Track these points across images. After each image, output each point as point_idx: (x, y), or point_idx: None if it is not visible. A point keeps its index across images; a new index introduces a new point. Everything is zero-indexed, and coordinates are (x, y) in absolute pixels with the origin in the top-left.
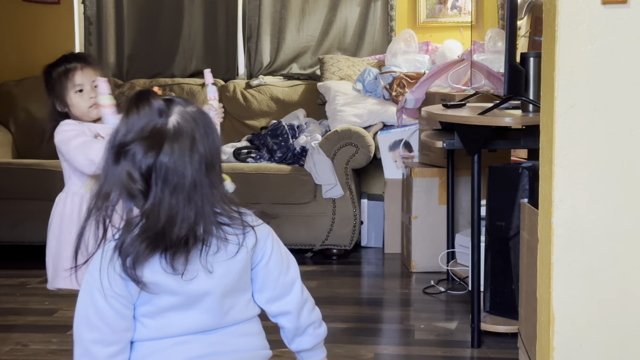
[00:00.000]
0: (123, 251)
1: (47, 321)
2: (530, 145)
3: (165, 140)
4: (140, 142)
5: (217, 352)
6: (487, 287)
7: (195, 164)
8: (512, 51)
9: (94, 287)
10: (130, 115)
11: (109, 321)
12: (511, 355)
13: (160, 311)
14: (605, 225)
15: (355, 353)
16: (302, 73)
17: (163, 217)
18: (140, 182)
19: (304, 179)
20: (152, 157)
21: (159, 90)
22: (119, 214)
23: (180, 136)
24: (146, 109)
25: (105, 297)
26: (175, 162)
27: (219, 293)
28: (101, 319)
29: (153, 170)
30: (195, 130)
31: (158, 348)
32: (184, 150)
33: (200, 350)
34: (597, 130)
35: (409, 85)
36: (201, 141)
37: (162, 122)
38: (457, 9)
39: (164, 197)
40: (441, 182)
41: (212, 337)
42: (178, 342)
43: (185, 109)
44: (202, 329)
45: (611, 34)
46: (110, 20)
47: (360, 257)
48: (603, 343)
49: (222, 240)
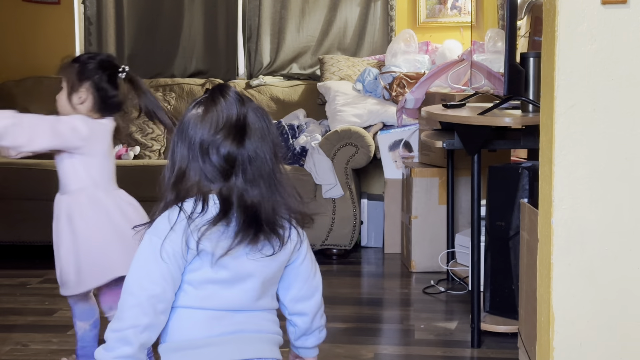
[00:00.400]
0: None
1: (47, 321)
2: (530, 145)
3: (248, 129)
4: (227, 131)
5: (244, 330)
6: (487, 287)
7: (270, 153)
8: (512, 51)
9: (161, 246)
10: (214, 105)
11: (169, 280)
12: (511, 355)
13: (205, 282)
14: (605, 225)
15: (355, 353)
16: (302, 73)
17: (249, 202)
18: (223, 169)
19: (304, 179)
20: (236, 145)
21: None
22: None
23: (257, 125)
24: (231, 99)
25: (170, 256)
26: (257, 150)
27: (260, 278)
28: (162, 276)
29: (237, 158)
30: (264, 120)
31: (194, 318)
32: (262, 139)
33: (231, 327)
34: (597, 130)
35: (409, 85)
36: (270, 131)
37: (244, 111)
38: (457, 9)
39: (247, 183)
40: (441, 182)
41: (242, 316)
42: (213, 317)
43: (251, 101)
44: (236, 307)
45: (611, 34)
46: (110, 20)
47: (360, 257)
48: (603, 343)
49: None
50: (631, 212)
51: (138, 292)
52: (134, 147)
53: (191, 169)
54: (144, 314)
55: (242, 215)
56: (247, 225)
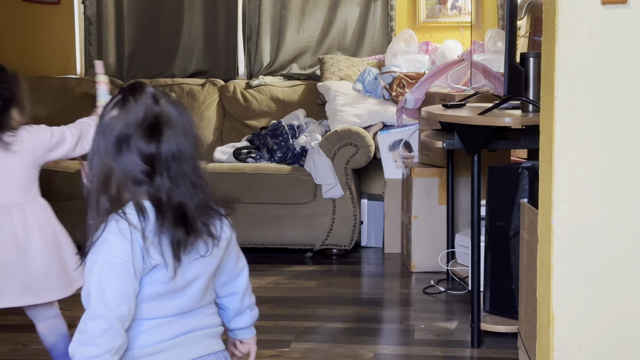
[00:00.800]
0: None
1: None
2: (530, 145)
3: (165, 126)
4: (142, 130)
5: (193, 329)
6: (487, 287)
7: (192, 150)
8: (512, 51)
9: (122, 265)
10: (128, 105)
11: (133, 298)
12: (511, 355)
13: (157, 295)
14: (605, 225)
15: (355, 353)
16: (302, 73)
17: (176, 201)
18: (145, 169)
19: (304, 179)
20: (155, 143)
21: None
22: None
23: (175, 122)
24: (143, 97)
25: (132, 274)
26: (179, 147)
27: (205, 278)
28: (127, 295)
29: (157, 156)
30: (184, 116)
31: (146, 327)
32: (184, 135)
33: (181, 330)
34: (597, 130)
35: (409, 85)
36: (190, 127)
37: (158, 109)
38: (457, 9)
39: (172, 182)
40: (441, 182)
41: (190, 317)
42: (163, 323)
43: (169, 97)
44: (185, 310)
45: (611, 34)
46: (110, 20)
47: (360, 257)
48: (603, 343)
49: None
50: (631, 212)
51: (107, 315)
52: None
53: (115, 173)
54: (117, 335)
55: (170, 215)
56: (177, 226)
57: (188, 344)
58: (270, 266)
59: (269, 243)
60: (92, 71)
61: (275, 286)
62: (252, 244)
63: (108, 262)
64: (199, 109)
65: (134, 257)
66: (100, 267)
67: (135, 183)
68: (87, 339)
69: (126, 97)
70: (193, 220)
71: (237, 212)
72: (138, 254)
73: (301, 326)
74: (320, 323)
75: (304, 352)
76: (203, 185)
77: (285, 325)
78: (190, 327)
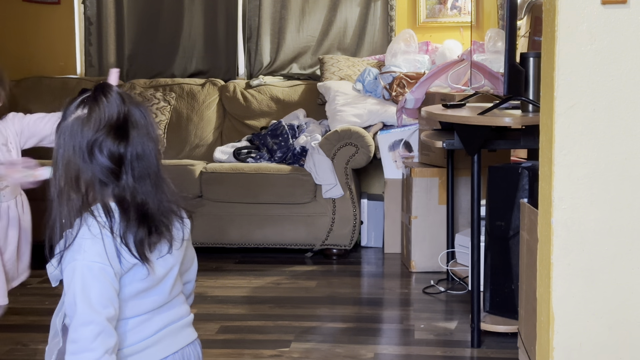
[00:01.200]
0: (124, 233)
1: (47, 321)
2: (530, 145)
3: (132, 126)
4: (112, 131)
5: (172, 322)
6: (487, 287)
7: (155, 150)
8: (512, 51)
9: (101, 268)
10: (98, 105)
11: (116, 298)
12: (511, 355)
13: (135, 293)
14: (604, 225)
15: (355, 353)
16: (302, 73)
17: (139, 201)
18: (113, 169)
19: (304, 179)
20: (123, 144)
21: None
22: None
23: (139, 123)
24: (112, 98)
25: (112, 277)
26: (143, 147)
27: (174, 273)
28: (111, 297)
29: (125, 157)
30: (147, 117)
31: (128, 326)
32: (148, 136)
33: (160, 324)
34: (597, 130)
35: (409, 85)
36: (152, 127)
37: (126, 110)
38: (457, 9)
39: (136, 182)
40: (441, 182)
41: (165, 310)
42: (143, 320)
43: (132, 98)
44: (161, 305)
45: (611, 34)
46: (110, 20)
47: (360, 257)
48: (603, 343)
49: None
50: (631, 212)
51: (97, 318)
52: None
53: (83, 173)
54: (110, 336)
55: (134, 215)
56: (139, 226)
57: (170, 337)
58: (270, 266)
59: (269, 243)
60: (92, 71)
61: (275, 286)
62: (252, 244)
63: (89, 269)
64: (199, 109)
65: (110, 258)
66: (81, 275)
67: (102, 184)
68: (82, 346)
69: (96, 98)
70: (155, 219)
71: (237, 212)
72: (113, 254)
73: (301, 326)
74: (320, 323)
75: (304, 352)
76: (164, 185)
77: (285, 325)
78: (169, 320)
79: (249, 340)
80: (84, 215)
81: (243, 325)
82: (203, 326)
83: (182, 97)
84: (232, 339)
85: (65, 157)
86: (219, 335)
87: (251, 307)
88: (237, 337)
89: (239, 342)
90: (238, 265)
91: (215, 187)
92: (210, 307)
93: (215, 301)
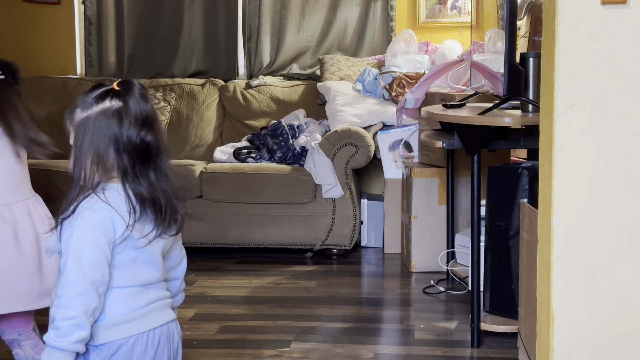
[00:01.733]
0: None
1: (47, 321)
2: (529, 145)
3: (155, 123)
4: (144, 124)
5: (157, 299)
6: (487, 287)
7: (165, 144)
8: (512, 51)
9: (96, 236)
10: (131, 100)
11: (105, 265)
12: (511, 355)
13: (129, 263)
14: (604, 225)
15: (355, 353)
16: (302, 73)
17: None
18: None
19: (304, 179)
20: (147, 136)
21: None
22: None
23: (156, 118)
24: (136, 93)
25: (104, 244)
26: (158, 142)
27: (164, 253)
28: (99, 262)
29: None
30: (157, 113)
31: (121, 295)
32: (159, 131)
33: (149, 299)
34: (596, 130)
35: (409, 85)
36: (161, 124)
37: (149, 105)
38: (457, 9)
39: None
40: (441, 182)
41: (154, 288)
42: (135, 292)
43: (149, 94)
44: (151, 282)
45: (611, 34)
46: (110, 21)
47: (360, 257)
48: (603, 343)
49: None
50: (631, 212)
51: (81, 280)
52: None
53: (108, 160)
54: (91, 298)
55: (155, 203)
56: (162, 213)
57: (156, 312)
58: (270, 266)
59: (269, 243)
60: (92, 71)
61: (275, 286)
62: (252, 244)
63: (84, 236)
64: (199, 109)
65: (106, 228)
66: (76, 239)
67: (124, 171)
68: (64, 302)
69: (127, 92)
70: (170, 207)
71: (237, 212)
72: (109, 226)
73: (301, 326)
74: (320, 323)
75: (304, 352)
76: (172, 177)
77: (285, 325)
78: (156, 297)
79: (249, 340)
80: (90, 191)
81: (243, 325)
82: (203, 326)
83: (182, 97)
84: (232, 339)
85: (93, 144)
86: (219, 335)
87: (251, 307)
88: (237, 337)
89: (239, 342)
90: (238, 265)
91: (215, 187)
92: (210, 307)
93: (215, 301)
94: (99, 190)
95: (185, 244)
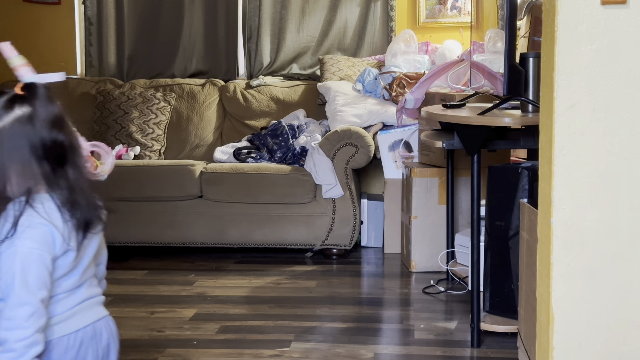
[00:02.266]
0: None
1: None
2: (529, 145)
3: (63, 120)
4: (55, 126)
5: (87, 298)
6: (487, 286)
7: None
8: (512, 51)
9: (40, 253)
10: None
11: (50, 281)
12: (511, 355)
13: (61, 275)
14: (604, 225)
15: (355, 353)
16: (302, 73)
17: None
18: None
19: (304, 179)
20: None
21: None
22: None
23: (65, 117)
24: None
25: (49, 261)
26: (73, 139)
27: (93, 253)
28: (45, 281)
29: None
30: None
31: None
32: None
33: (78, 299)
34: (596, 130)
35: (409, 85)
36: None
37: (57, 105)
38: (456, 10)
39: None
40: (441, 182)
41: (83, 288)
42: (63, 297)
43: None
44: (79, 284)
45: (611, 34)
46: (110, 21)
47: (360, 257)
48: (603, 343)
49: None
50: (631, 212)
51: (31, 300)
52: (134, 147)
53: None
54: (41, 316)
55: (76, 204)
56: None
57: (85, 311)
58: (270, 266)
59: (269, 243)
60: (92, 71)
61: (275, 286)
62: (252, 244)
63: (28, 254)
64: (199, 109)
65: (48, 245)
66: (21, 259)
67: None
68: (16, 323)
69: (36, 96)
70: (89, 207)
71: (237, 212)
72: (50, 242)
73: (301, 326)
74: (320, 323)
75: (304, 352)
76: (87, 175)
77: (285, 325)
78: (85, 296)
79: (249, 340)
80: (24, 206)
81: (243, 325)
82: (203, 326)
83: (182, 98)
84: (232, 339)
85: (13, 156)
86: (219, 335)
87: (251, 307)
88: (237, 337)
89: (239, 342)
90: (238, 265)
91: (215, 187)
92: (210, 307)
93: (215, 301)
94: (36, 204)
95: (185, 243)
